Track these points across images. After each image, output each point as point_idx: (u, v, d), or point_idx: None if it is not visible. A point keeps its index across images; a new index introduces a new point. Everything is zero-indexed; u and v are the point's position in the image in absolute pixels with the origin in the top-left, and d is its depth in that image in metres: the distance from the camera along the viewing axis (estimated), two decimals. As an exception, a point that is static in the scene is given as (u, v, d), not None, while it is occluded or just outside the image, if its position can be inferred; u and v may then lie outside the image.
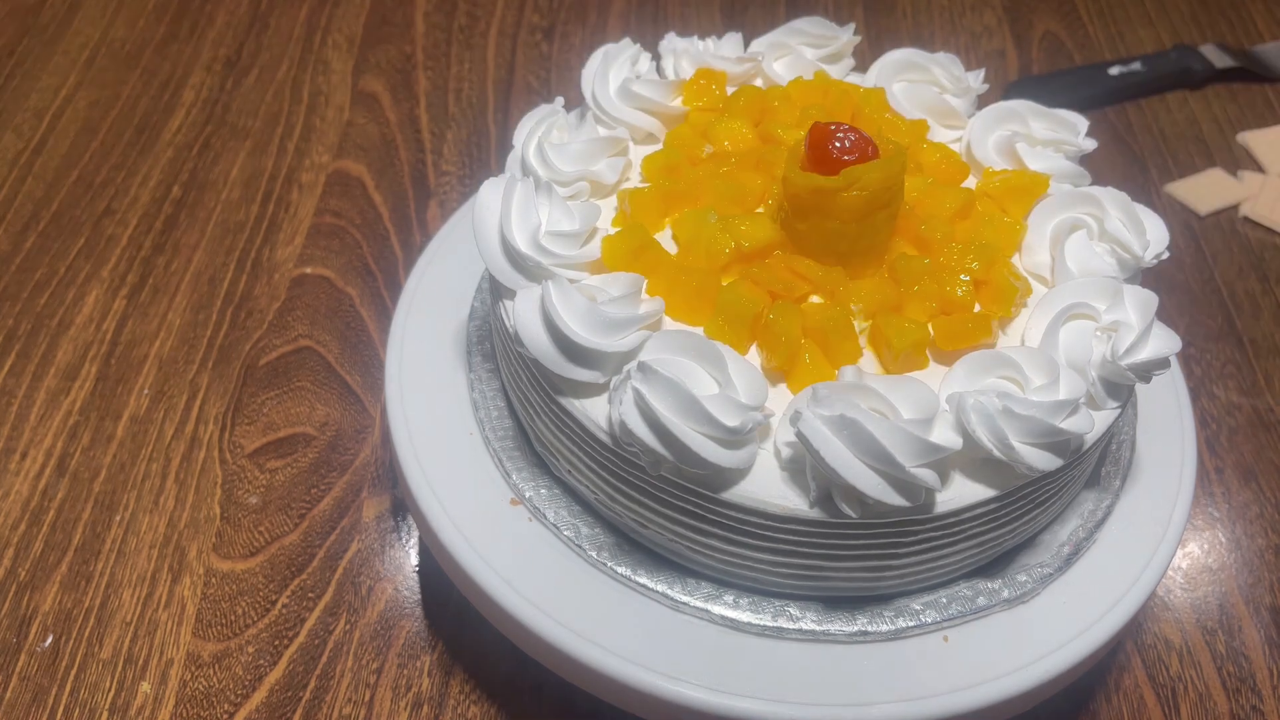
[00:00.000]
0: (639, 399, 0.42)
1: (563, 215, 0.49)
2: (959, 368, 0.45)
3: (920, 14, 1.02)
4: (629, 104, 0.55)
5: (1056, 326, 0.46)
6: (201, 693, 0.56)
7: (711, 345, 0.44)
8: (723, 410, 0.42)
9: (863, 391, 0.42)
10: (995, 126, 0.55)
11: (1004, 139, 0.54)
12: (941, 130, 0.58)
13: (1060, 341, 0.46)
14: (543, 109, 0.54)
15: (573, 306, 0.45)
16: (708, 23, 0.99)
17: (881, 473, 0.41)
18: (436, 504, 0.51)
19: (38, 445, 0.67)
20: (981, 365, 0.45)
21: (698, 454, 0.42)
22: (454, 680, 0.57)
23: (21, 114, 0.89)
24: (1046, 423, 0.42)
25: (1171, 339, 0.46)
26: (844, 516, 0.43)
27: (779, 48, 0.60)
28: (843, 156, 0.47)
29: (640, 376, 0.42)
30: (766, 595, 0.48)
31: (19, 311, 0.75)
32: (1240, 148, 0.90)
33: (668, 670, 0.46)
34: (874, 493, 0.41)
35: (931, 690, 0.45)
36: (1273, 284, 0.79)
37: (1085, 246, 0.50)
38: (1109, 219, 0.50)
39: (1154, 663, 0.59)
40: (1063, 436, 0.43)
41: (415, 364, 0.56)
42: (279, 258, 0.78)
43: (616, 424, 0.43)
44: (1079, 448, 0.45)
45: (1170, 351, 0.45)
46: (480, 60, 0.96)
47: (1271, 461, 0.69)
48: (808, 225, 0.48)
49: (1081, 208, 0.51)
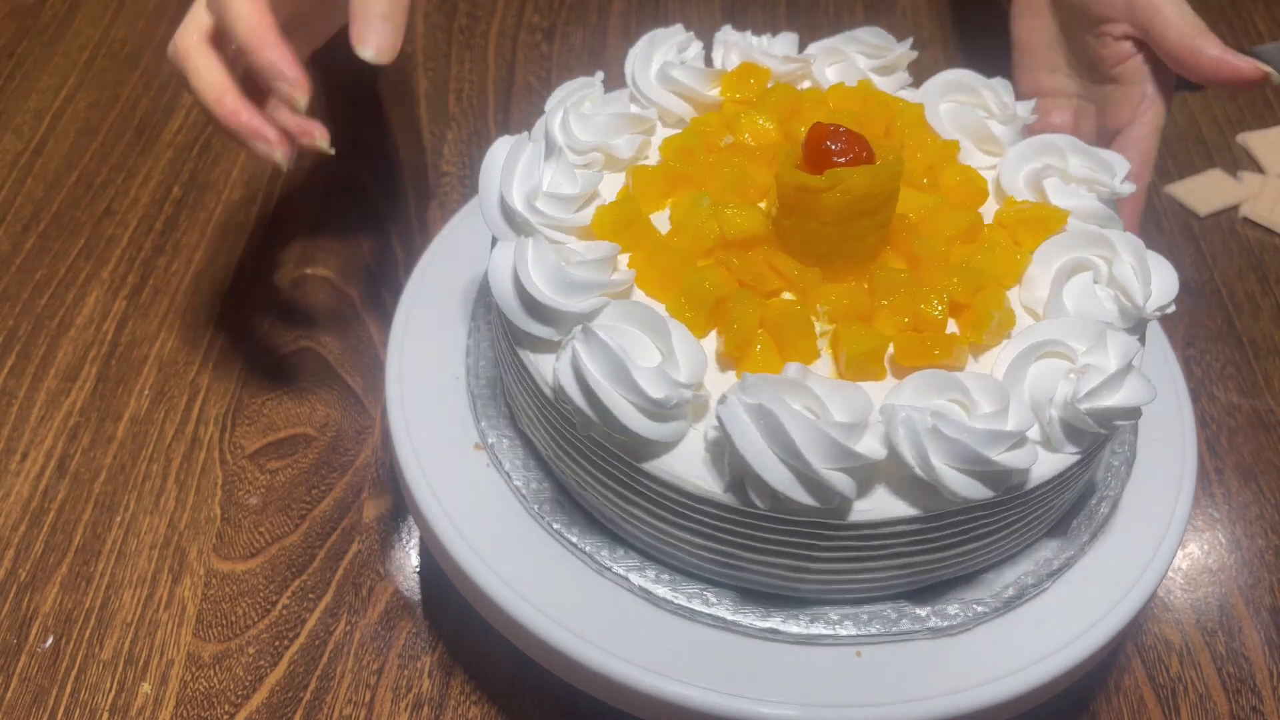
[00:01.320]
0: (575, 359, 0.43)
1: (565, 179, 0.50)
2: (909, 383, 0.44)
3: (920, 14, 1.02)
4: (665, 86, 0.56)
5: (1027, 360, 0.45)
6: (202, 693, 0.56)
7: (661, 320, 0.45)
8: (652, 382, 0.42)
9: (795, 388, 0.42)
10: (1031, 158, 0.54)
11: (1035, 171, 0.53)
12: (979, 155, 0.56)
13: (1027, 375, 0.45)
14: (580, 80, 0.55)
15: (542, 263, 0.46)
16: (708, 23, 0.99)
17: (791, 468, 0.41)
18: (436, 505, 0.51)
19: (38, 446, 0.67)
20: (932, 384, 0.44)
21: (620, 420, 0.43)
22: (454, 681, 0.57)
23: (21, 115, 0.89)
24: (976, 450, 0.41)
25: (1145, 390, 0.44)
26: (754, 506, 0.43)
27: (833, 53, 0.60)
28: (834, 158, 0.47)
29: (582, 338, 0.44)
30: (690, 576, 0.49)
31: (19, 312, 0.75)
32: (1240, 148, 0.90)
33: (670, 672, 0.46)
34: (781, 486, 0.41)
35: (840, 699, 0.45)
36: (1273, 284, 0.79)
37: (1087, 289, 0.48)
38: (1118, 263, 0.48)
39: (1154, 663, 0.59)
40: (994, 467, 0.42)
41: (415, 364, 0.56)
42: (279, 258, 0.78)
43: (553, 382, 0.45)
44: (1018, 485, 0.44)
45: (1141, 402, 0.44)
46: (480, 60, 0.96)
47: (1271, 462, 0.69)
48: (791, 222, 0.48)
49: (1092, 249, 0.49)
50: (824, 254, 0.48)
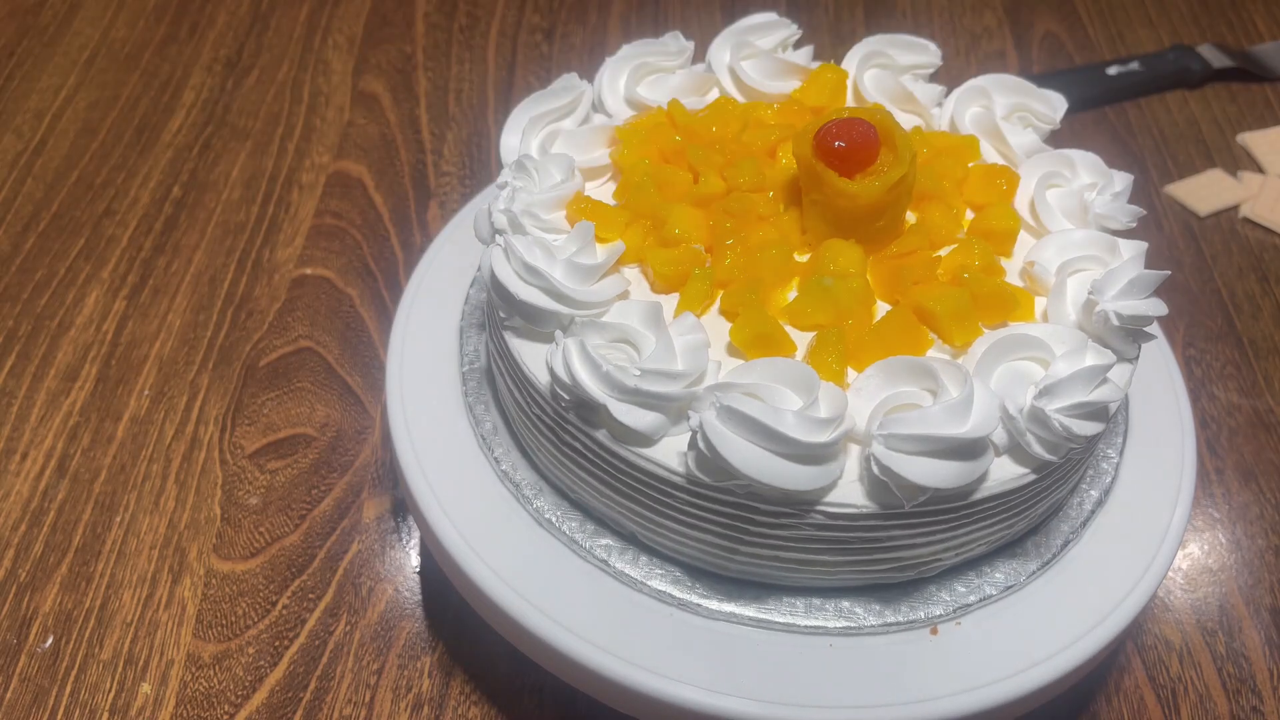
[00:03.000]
0: (566, 353, 0.45)
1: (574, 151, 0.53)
2: (878, 369, 0.45)
3: (920, 14, 1.02)
4: (745, 61, 0.58)
5: (1001, 357, 0.46)
6: (202, 694, 0.56)
7: (657, 307, 0.45)
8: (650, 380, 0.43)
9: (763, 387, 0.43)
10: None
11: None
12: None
13: (995, 373, 0.45)
14: (647, 42, 0.58)
15: (536, 260, 0.47)
16: (708, 23, 0.99)
17: (773, 454, 0.42)
18: (436, 505, 0.51)
19: (38, 446, 0.67)
20: (905, 371, 0.45)
21: (617, 418, 0.43)
22: (454, 681, 0.57)
23: (21, 115, 0.89)
24: (941, 436, 0.42)
25: (1095, 428, 0.44)
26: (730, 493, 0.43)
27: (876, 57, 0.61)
28: (841, 159, 0.48)
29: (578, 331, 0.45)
30: (698, 576, 0.49)
31: (19, 312, 0.75)
32: (1240, 148, 0.90)
33: (670, 673, 0.46)
34: (762, 475, 0.42)
35: (848, 699, 0.45)
36: (1273, 284, 0.79)
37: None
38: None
39: (1154, 664, 0.59)
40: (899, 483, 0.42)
41: (416, 365, 0.56)
42: (279, 258, 0.78)
43: (547, 372, 0.46)
44: (986, 476, 0.44)
45: (1094, 431, 0.44)
46: (480, 60, 0.96)
47: (1271, 462, 0.69)
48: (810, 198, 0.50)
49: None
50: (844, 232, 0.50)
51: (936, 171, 0.53)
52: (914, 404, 0.43)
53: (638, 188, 0.51)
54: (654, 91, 0.57)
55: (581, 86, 0.56)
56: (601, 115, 0.57)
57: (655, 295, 0.49)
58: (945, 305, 0.46)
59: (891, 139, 0.49)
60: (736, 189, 0.51)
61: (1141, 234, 0.51)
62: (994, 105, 0.57)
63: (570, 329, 0.46)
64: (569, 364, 0.44)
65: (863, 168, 0.48)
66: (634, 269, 0.50)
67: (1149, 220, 0.83)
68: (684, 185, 0.51)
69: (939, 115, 0.58)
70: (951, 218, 0.51)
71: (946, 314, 0.46)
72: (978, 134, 0.56)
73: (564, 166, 0.51)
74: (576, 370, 0.44)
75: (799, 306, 0.47)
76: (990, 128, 0.56)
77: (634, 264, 0.50)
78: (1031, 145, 0.55)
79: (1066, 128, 0.63)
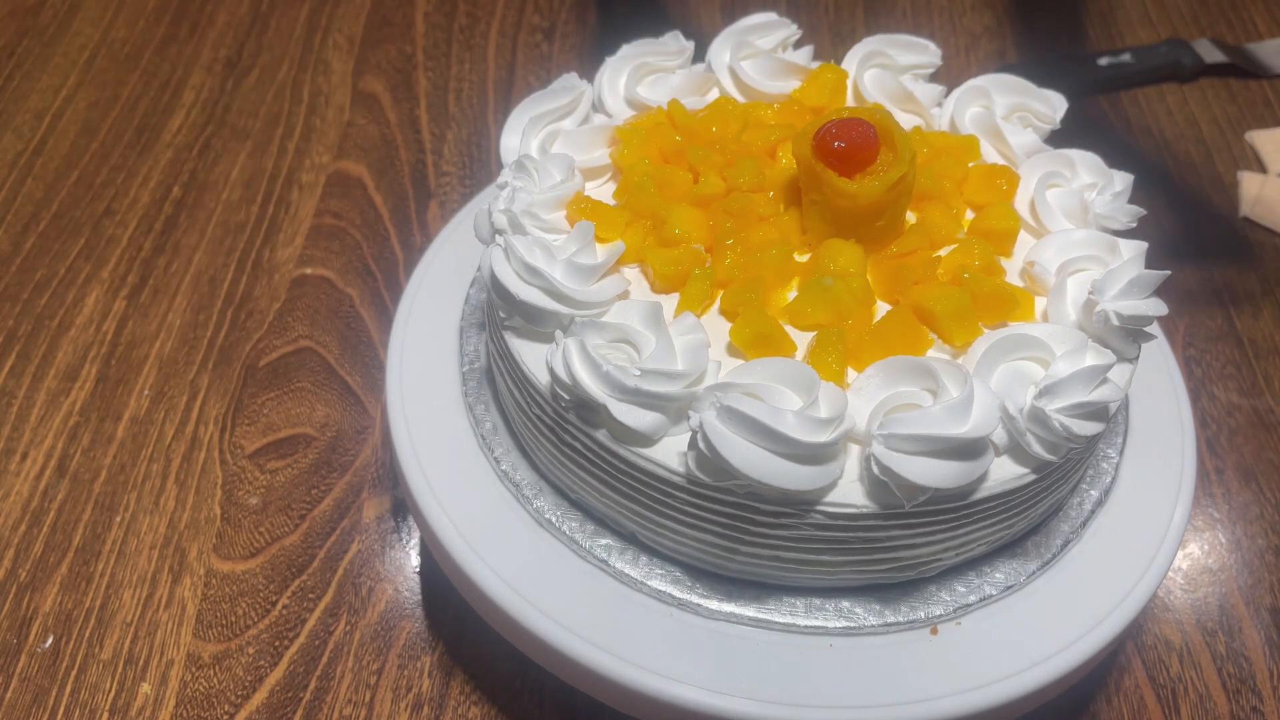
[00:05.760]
0: (566, 352, 0.45)
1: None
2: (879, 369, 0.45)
3: (920, 14, 1.02)
4: (745, 61, 0.58)
5: (1001, 357, 0.45)
6: (202, 694, 0.56)
7: (657, 307, 0.45)
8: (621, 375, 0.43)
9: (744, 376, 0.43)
10: (1041, 167, 0.55)
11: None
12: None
13: (996, 372, 0.45)
14: (647, 42, 0.59)
15: (535, 260, 0.47)
16: (708, 23, 0.99)
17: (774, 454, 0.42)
18: (436, 505, 0.51)
19: (38, 446, 0.67)
20: (905, 370, 0.45)
21: (617, 419, 0.43)
22: (454, 681, 0.57)
23: (21, 115, 0.89)
24: (940, 435, 0.42)
25: (1095, 428, 0.44)
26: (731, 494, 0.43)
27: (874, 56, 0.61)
28: (841, 160, 0.48)
29: (579, 330, 0.45)
30: (698, 576, 0.49)
31: (19, 312, 0.75)
32: (1240, 147, 0.89)
33: (670, 673, 0.46)
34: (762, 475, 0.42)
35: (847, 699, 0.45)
36: (1273, 284, 0.79)
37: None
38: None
39: (1154, 664, 0.59)
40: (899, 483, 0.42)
41: (416, 365, 0.56)
42: (279, 258, 0.78)
43: (548, 373, 0.46)
44: (986, 476, 0.44)
45: (1094, 431, 0.44)
46: (480, 60, 0.96)
47: (1271, 462, 0.69)
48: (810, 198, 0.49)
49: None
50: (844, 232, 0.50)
51: (936, 171, 0.53)
52: (914, 404, 0.43)
53: (638, 188, 0.51)
54: (654, 91, 0.57)
55: (581, 86, 0.56)
56: (601, 115, 0.57)
57: (655, 295, 0.49)
58: (945, 305, 0.46)
59: (891, 139, 0.49)
60: (736, 189, 0.51)
61: (1141, 234, 0.51)
62: (994, 105, 0.57)
63: (570, 329, 0.46)
64: (569, 364, 0.44)
65: (862, 168, 0.48)
66: (634, 269, 0.50)
67: (1149, 220, 0.83)
68: (684, 185, 0.51)
69: (939, 115, 0.58)
70: (951, 218, 0.51)
71: (946, 314, 0.46)
72: (978, 134, 0.56)
73: (564, 166, 0.51)
74: (576, 370, 0.44)
75: (799, 306, 0.47)
76: (990, 128, 0.56)
77: (634, 264, 0.50)
78: (1031, 145, 0.55)
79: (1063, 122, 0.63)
